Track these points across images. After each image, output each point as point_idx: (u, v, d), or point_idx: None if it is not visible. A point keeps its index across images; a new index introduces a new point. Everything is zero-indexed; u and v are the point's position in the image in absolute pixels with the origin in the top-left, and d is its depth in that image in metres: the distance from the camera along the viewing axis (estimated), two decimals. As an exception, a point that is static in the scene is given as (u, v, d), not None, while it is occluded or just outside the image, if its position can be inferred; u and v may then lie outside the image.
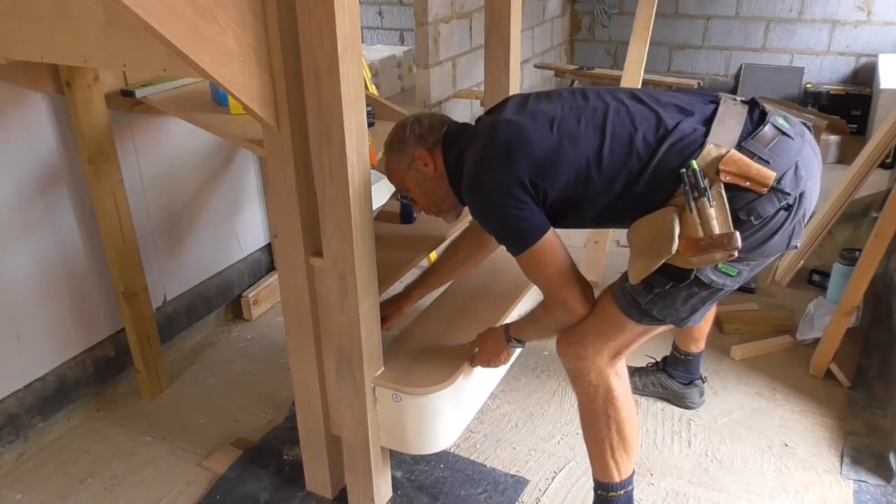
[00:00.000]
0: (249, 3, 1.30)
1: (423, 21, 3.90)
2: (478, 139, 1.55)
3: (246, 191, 2.77)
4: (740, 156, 1.36)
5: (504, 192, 1.45)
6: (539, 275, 1.53)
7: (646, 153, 1.42)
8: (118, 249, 2.15)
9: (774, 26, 5.20)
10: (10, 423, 2.03)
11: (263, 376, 2.46)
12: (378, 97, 2.52)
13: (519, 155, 1.45)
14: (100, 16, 1.39)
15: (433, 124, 1.66)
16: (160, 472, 2.03)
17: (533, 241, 1.46)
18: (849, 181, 2.75)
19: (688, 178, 1.36)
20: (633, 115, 1.47)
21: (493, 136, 1.51)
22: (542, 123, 1.48)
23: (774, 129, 1.42)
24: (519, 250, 1.49)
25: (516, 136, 1.47)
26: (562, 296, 1.52)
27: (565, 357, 1.63)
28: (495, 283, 2.08)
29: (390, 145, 1.68)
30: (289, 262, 1.62)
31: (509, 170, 1.45)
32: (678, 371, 2.21)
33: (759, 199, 1.36)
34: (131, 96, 2.03)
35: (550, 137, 1.46)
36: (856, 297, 2.27)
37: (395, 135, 1.67)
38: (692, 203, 1.35)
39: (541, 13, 5.35)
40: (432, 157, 1.63)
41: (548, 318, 1.59)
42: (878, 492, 1.90)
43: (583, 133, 1.46)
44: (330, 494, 1.89)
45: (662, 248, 1.36)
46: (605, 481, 1.68)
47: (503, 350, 1.72)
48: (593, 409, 1.63)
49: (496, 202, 1.46)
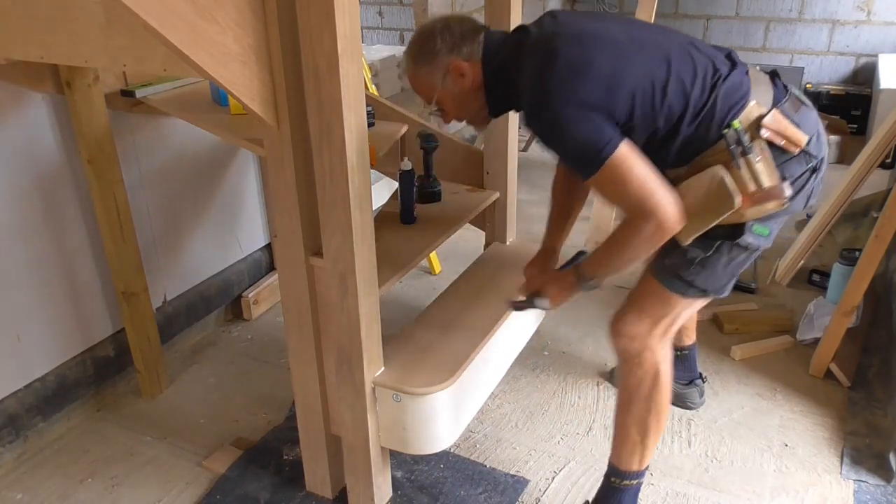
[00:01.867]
0: (249, 3, 1.30)
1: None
2: (534, 54, 1.44)
3: (246, 191, 2.77)
4: (781, 116, 1.44)
5: (572, 107, 1.36)
6: (622, 190, 1.38)
7: (702, 94, 1.42)
8: (118, 249, 2.15)
9: (774, 26, 5.20)
10: (10, 423, 2.03)
11: (263, 376, 2.46)
12: (378, 97, 2.52)
13: (586, 71, 1.37)
14: (100, 16, 1.39)
15: (465, 32, 1.53)
16: (160, 472, 2.03)
17: (608, 151, 1.35)
18: (849, 181, 2.75)
19: (730, 136, 1.40)
20: (693, 55, 1.46)
21: (554, 52, 1.40)
22: (605, 43, 1.42)
23: (797, 99, 1.51)
24: (595, 167, 1.36)
25: (580, 53, 1.39)
26: (650, 205, 1.35)
27: (618, 339, 1.60)
28: (495, 283, 2.08)
29: (417, 55, 1.55)
30: (289, 262, 1.62)
31: (575, 86, 1.36)
32: (678, 371, 2.18)
33: (791, 159, 1.44)
34: (131, 96, 2.03)
35: (615, 59, 1.40)
36: (856, 297, 2.27)
37: (423, 44, 1.54)
38: (739, 160, 1.40)
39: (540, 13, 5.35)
40: (470, 68, 1.52)
41: (637, 238, 1.39)
42: (878, 492, 1.90)
43: (646, 61, 1.42)
44: (330, 494, 1.89)
45: (722, 204, 1.40)
46: (625, 469, 1.66)
47: (572, 294, 1.58)
48: (639, 393, 1.61)
49: (564, 117, 1.36)
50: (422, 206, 2.09)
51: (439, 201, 2.15)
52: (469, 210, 2.11)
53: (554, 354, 2.54)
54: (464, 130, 4.56)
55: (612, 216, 3.20)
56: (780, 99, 1.47)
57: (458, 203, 2.15)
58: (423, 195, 2.12)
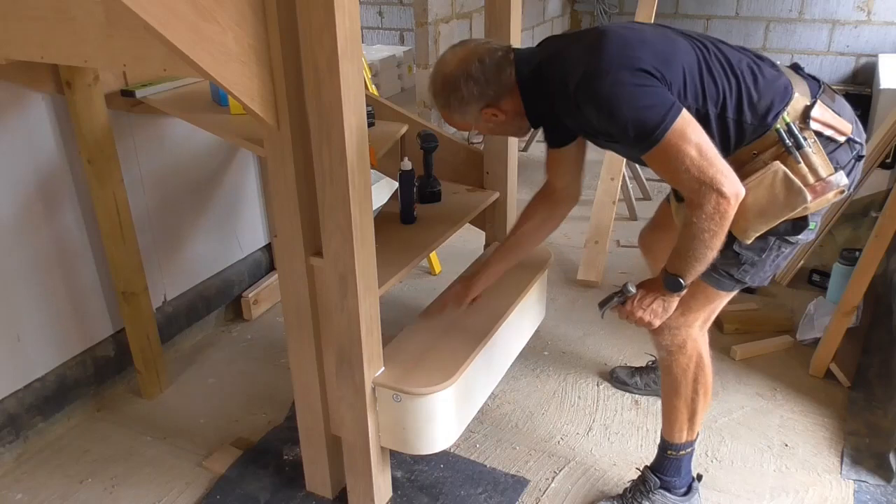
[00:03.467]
0: (249, 3, 1.30)
1: (423, 21, 3.90)
2: (578, 44, 1.44)
3: (246, 191, 2.77)
4: (825, 107, 1.46)
5: (629, 71, 1.33)
6: (682, 162, 1.32)
7: (745, 80, 1.43)
8: (118, 249, 2.15)
9: (774, 26, 5.20)
10: (10, 423, 2.03)
11: (263, 376, 2.46)
12: (378, 97, 2.52)
13: (638, 45, 1.38)
14: (100, 16, 1.39)
15: (488, 73, 1.49)
16: (160, 472, 2.03)
17: (670, 120, 1.31)
18: (849, 181, 2.74)
19: (783, 130, 1.41)
20: (725, 47, 1.49)
21: (602, 33, 1.40)
22: (648, 28, 1.47)
23: (830, 89, 1.52)
24: (655, 139, 1.32)
25: (627, 36, 1.41)
26: (709, 175, 1.32)
27: (661, 335, 1.63)
28: (495, 284, 2.08)
29: (448, 105, 1.55)
30: (289, 262, 1.62)
31: (630, 53, 1.36)
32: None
33: (838, 147, 1.45)
34: (131, 96, 2.03)
35: (662, 39, 1.43)
36: (856, 297, 2.27)
37: (450, 94, 1.52)
38: (796, 153, 1.40)
39: (541, 13, 5.35)
40: (500, 108, 1.53)
41: (703, 218, 1.34)
42: (878, 492, 1.90)
43: (689, 45, 1.45)
44: (330, 494, 1.89)
45: (793, 200, 1.40)
46: (679, 442, 1.76)
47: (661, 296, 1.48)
48: (685, 378, 1.68)
49: (622, 82, 1.33)
50: (422, 206, 2.09)
51: (439, 201, 2.15)
52: (469, 210, 2.11)
53: (554, 354, 2.54)
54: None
55: (611, 215, 3.21)
56: (816, 90, 1.48)
57: (458, 203, 2.15)
58: (423, 195, 2.12)
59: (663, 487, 1.79)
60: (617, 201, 3.26)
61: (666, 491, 1.79)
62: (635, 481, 1.85)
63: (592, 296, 2.91)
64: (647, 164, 1.43)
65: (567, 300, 2.89)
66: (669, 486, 1.80)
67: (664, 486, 1.79)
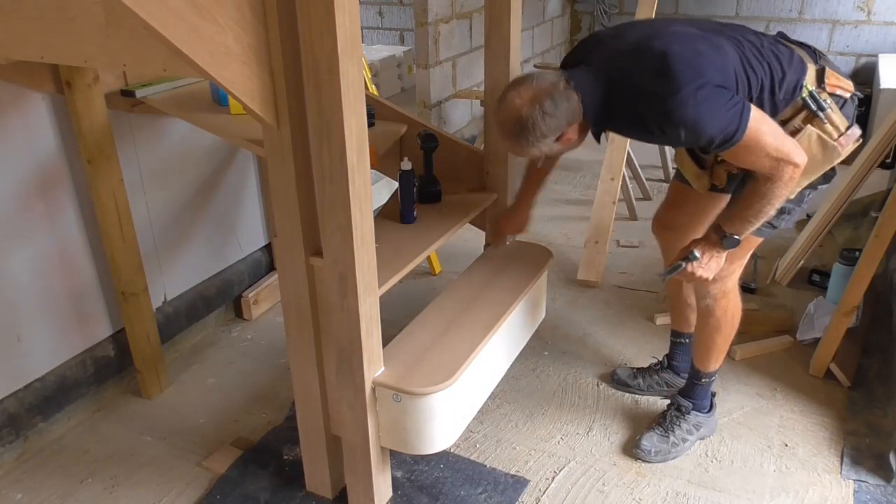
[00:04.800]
0: (249, 2, 1.30)
1: (423, 21, 3.90)
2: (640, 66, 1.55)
3: (246, 191, 2.77)
4: (832, 70, 1.68)
5: (705, 89, 1.50)
6: (762, 150, 1.54)
7: (775, 66, 1.62)
8: (118, 249, 2.15)
9: (774, 26, 5.20)
10: (10, 423, 2.03)
11: (263, 376, 2.46)
12: (378, 97, 2.52)
13: (699, 62, 1.53)
14: (100, 16, 1.38)
15: (560, 106, 1.58)
16: (160, 472, 2.03)
17: (745, 120, 1.51)
18: (849, 181, 2.75)
19: (808, 99, 1.62)
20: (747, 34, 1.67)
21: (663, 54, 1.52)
22: (691, 35, 1.59)
23: (819, 51, 1.74)
24: (741, 134, 1.51)
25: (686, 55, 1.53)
26: (786, 151, 1.54)
27: (711, 285, 1.85)
28: (495, 284, 2.08)
29: (527, 144, 1.62)
30: (289, 262, 1.62)
31: (699, 72, 1.51)
32: (682, 362, 2.28)
33: (846, 103, 1.67)
34: (131, 96, 2.03)
35: (709, 45, 1.57)
36: (856, 297, 2.27)
37: (531, 133, 1.60)
38: (821, 115, 1.62)
39: (541, 13, 5.35)
40: (571, 132, 1.65)
41: (781, 185, 1.57)
42: (878, 492, 1.90)
43: (728, 44, 1.60)
44: (330, 494, 1.89)
45: (830, 155, 1.64)
46: (710, 370, 2.06)
47: (718, 251, 1.70)
48: (726, 317, 1.96)
49: (701, 100, 1.49)
50: (422, 206, 2.09)
51: (439, 201, 2.15)
52: (469, 210, 2.11)
53: (554, 354, 2.54)
54: (464, 130, 4.57)
55: (611, 215, 3.20)
56: (814, 55, 1.70)
57: (458, 203, 2.15)
58: (423, 195, 2.12)
59: (695, 409, 2.09)
60: (617, 201, 3.26)
61: (697, 411, 2.09)
62: (669, 408, 2.11)
63: (592, 296, 2.91)
64: (724, 157, 1.65)
65: (567, 300, 2.89)
66: (699, 408, 2.10)
67: (695, 408, 2.09)
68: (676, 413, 2.08)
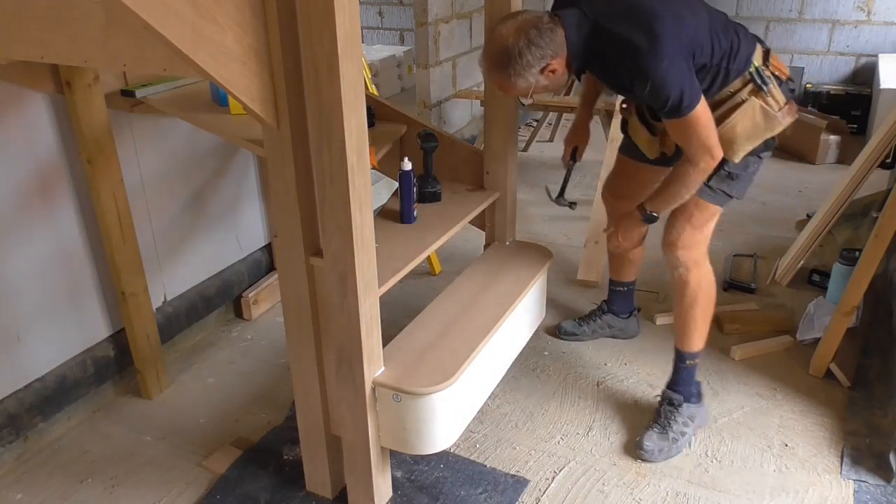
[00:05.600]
0: (249, 3, 1.30)
1: (423, 21, 3.90)
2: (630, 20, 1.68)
3: (246, 191, 2.77)
4: (774, 55, 1.90)
5: (680, 61, 1.68)
6: (696, 133, 1.74)
7: (735, 38, 1.83)
8: (118, 249, 2.15)
9: (774, 26, 5.20)
10: (10, 423, 2.03)
11: (263, 376, 2.46)
12: (378, 97, 2.52)
13: (683, 29, 1.70)
14: (100, 16, 1.38)
15: (545, 37, 1.70)
16: (160, 472, 2.03)
17: (695, 104, 1.70)
18: (849, 181, 2.75)
19: (755, 74, 1.83)
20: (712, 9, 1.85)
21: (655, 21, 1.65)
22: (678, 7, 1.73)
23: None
24: (686, 111, 1.69)
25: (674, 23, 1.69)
26: (709, 144, 1.75)
27: (682, 251, 1.98)
28: (495, 284, 2.08)
29: (513, 73, 1.72)
30: (289, 262, 1.62)
31: (679, 44, 1.68)
32: (621, 304, 2.55)
33: (782, 84, 1.88)
34: (131, 96, 2.03)
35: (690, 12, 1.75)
36: (856, 297, 2.27)
37: (514, 60, 1.70)
38: (765, 89, 1.83)
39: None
40: (556, 65, 1.74)
41: (696, 171, 1.78)
42: (878, 492, 1.90)
43: (701, 12, 1.79)
44: (330, 494, 1.89)
45: (772, 124, 1.84)
46: (694, 350, 2.08)
47: (637, 226, 1.98)
48: (702, 289, 2.03)
49: (670, 70, 1.66)
50: (422, 206, 2.09)
51: (439, 201, 2.15)
52: (469, 210, 2.11)
53: (554, 354, 2.54)
54: (464, 130, 4.57)
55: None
56: (761, 41, 1.91)
57: (458, 203, 2.15)
58: (423, 195, 2.12)
59: (686, 401, 2.10)
60: (617, 201, 3.26)
61: (687, 403, 2.11)
62: (661, 405, 2.14)
63: (592, 296, 2.91)
64: (664, 124, 1.83)
65: (567, 300, 2.89)
66: (689, 397, 2.11)
67: (686, 399, 2.10)
68: (670, 408, 2.11)
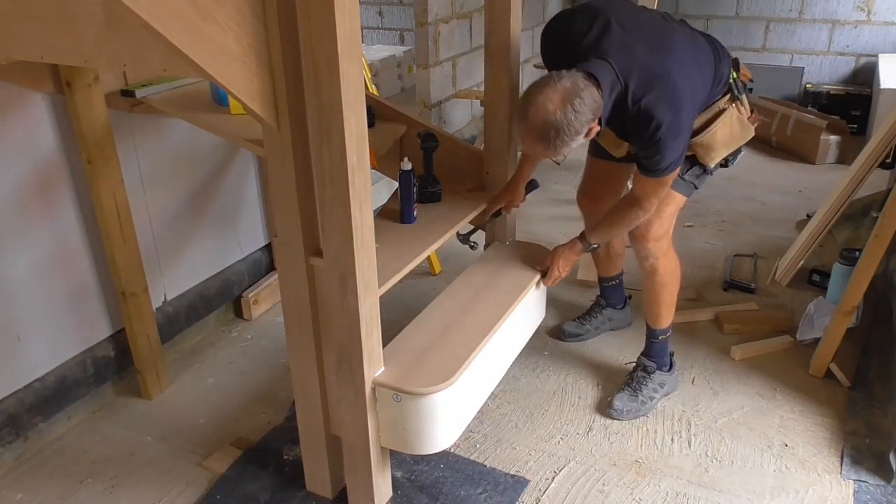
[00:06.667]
0: (249, 3, 1.30)
1: (423, 21, 3.90)
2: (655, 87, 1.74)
3: (246, 191, 2.77)
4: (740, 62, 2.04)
5: (685, 134, 1.83)
6: (658, 188, 1.89)
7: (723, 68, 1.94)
8: (118, 249, 2.15)
9: (774, 26, 5.20)
10: (10, 423, 2.03)
11: (263, 376, 2.46)
12: (378, 97, 2.52)
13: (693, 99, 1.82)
14: (100, 16, 1.38)
15: (588, 104, 1.67)
16: (160, 472, 2.03)
17: (673, 170, 1.85)
18: (849, 181, 2.75)
19: (733, 86, 1.96)
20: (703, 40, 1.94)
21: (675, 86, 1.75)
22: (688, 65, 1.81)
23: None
24: (664, 175, 1.84)
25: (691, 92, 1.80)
26: (656, 200, 1.92)
27: (652, 242, 2.08)
28: (495, 284, 2.08)
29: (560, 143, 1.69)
30: (289, 262, 1.62)
31: (689, 118, 1.82)
32: (615, 298, 2.62)
33: (747, 89, 2.03)
34: (131, 96, 2.03)
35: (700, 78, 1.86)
36: (856, 297, 2.27)
37: (563, 133, 1.67)
38: (741, 98, 1.97)
39: (541, 13, 5.35)
40: (596, 122, 1.75)
41: (640, 213, 1.94)
42: (878, 492, 1.90)
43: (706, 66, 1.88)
44: (330, 494, 1.89)
45: (746, 132, 1.99)
46: (664, 327, 2.24)
47: (577, 258, 2.14)
48: (672, 275, 2.17)
49: (681, 143, 1.81)
50: (422, 206, 2.09)
51: (439, 201, 2.15)
52: (469, 210, 2.11)
53: (554, 354, 2.54)
54: (464, 130, 4.57)
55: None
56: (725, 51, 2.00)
57: (458, 203, 2.15)
58: (423, 195, 2.12)
59: (658, 368, 2.27)
60: (617, 201, 3.26)
61: (660, 370, 2.27)
62: (636, 370, 2.29)
63: (593, 296, 2.90)
64: (637, 168, 1.90)
65: (567, 300, 2.89)
66: (661, 366, 2.27)
67: (658, 367, 2.27)
68: (643, 373, 2.26)
